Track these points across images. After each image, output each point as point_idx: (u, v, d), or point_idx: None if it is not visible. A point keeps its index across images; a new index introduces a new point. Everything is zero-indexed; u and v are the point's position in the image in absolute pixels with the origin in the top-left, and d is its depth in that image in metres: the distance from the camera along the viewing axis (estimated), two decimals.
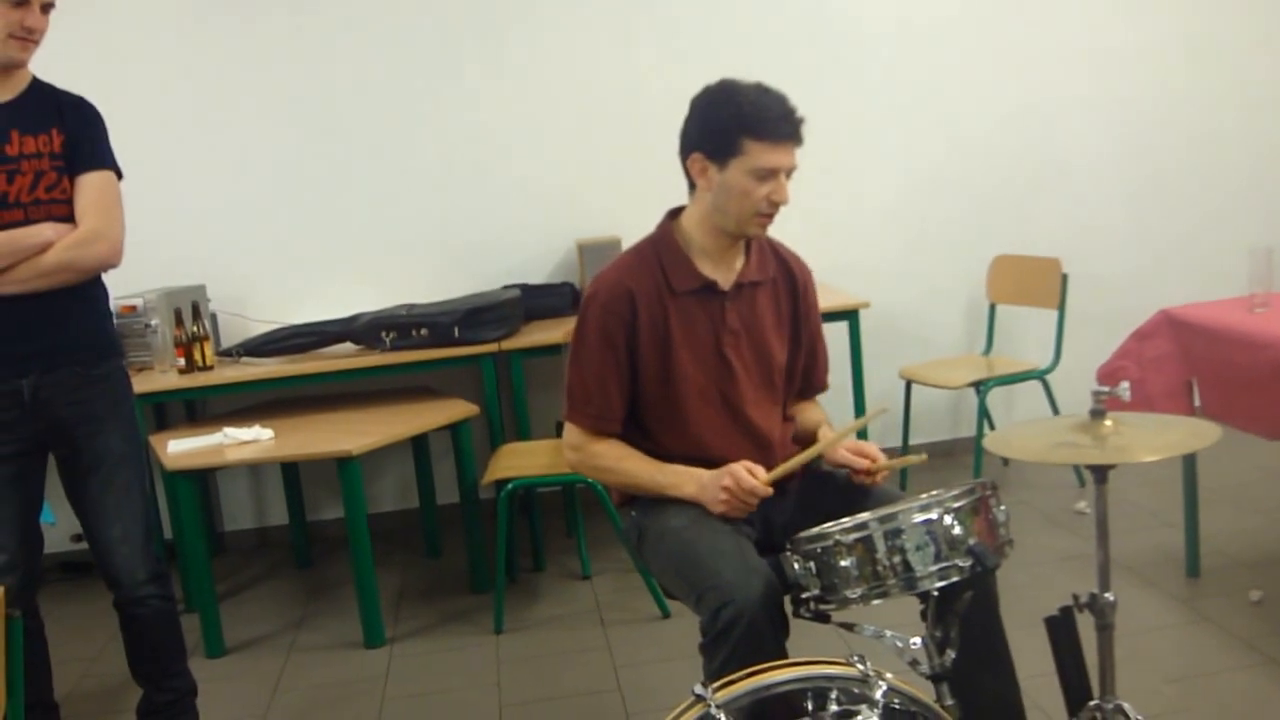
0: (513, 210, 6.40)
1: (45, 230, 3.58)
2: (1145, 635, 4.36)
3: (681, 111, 3.27)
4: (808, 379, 3.57)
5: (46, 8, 3.63)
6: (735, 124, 3.12)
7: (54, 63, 3.85)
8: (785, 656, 2.74)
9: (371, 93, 6.23)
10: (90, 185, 3.67)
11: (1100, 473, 2.82)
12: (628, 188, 6.25)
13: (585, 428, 3.34)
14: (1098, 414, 2.86)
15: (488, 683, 4.59)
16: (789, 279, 3.47)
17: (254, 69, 6.11)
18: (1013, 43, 6.65)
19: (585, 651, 4.79)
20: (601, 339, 3.26)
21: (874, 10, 6.54)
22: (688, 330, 3.29)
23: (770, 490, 3.12)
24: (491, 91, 6.33)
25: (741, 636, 2.73)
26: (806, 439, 3.51)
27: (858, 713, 2.38)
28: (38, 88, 3.72)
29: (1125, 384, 2.88)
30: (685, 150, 3.26)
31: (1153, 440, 2.80)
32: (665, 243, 3.33)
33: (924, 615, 2.71)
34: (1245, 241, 4.94)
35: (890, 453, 3.41)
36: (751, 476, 3.12)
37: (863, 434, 5.96)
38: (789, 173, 3.19)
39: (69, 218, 3.64)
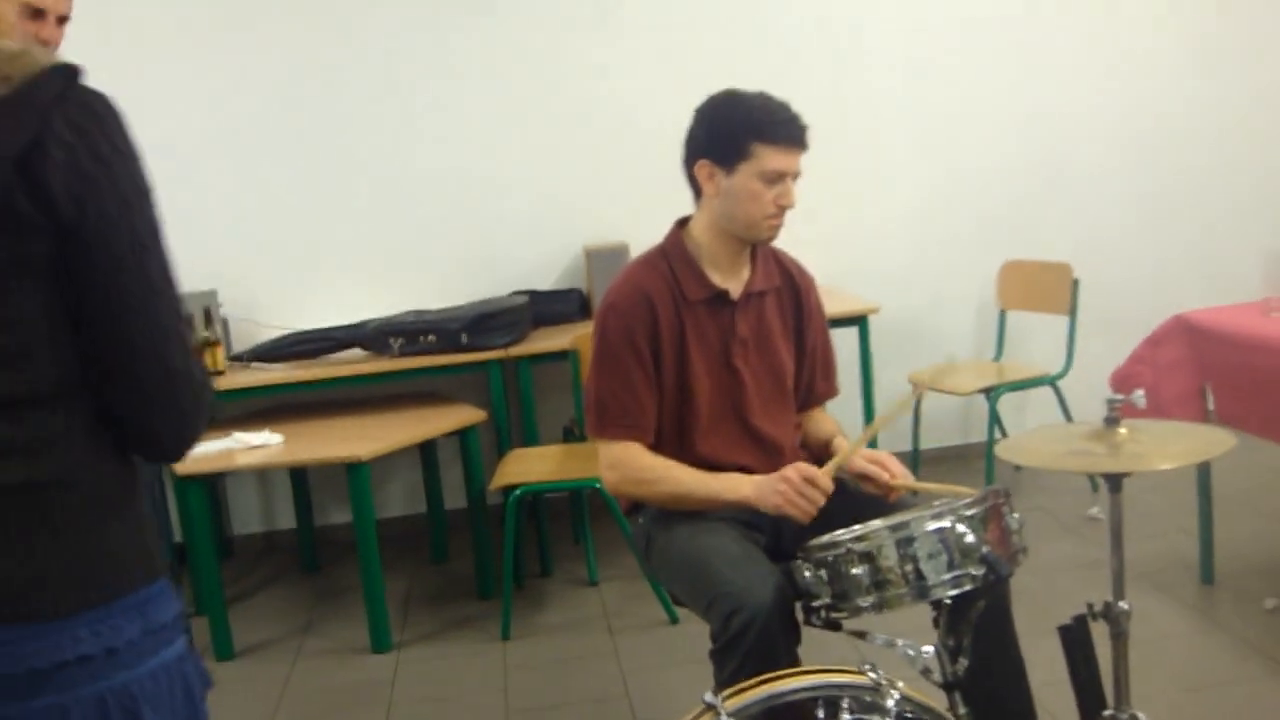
0: (521, 217, 6.38)
1: None
2: (1159, 643, 4.34)
3: (689, 119, 3.27)
4: (811, 387, 3.55)
5: (62, 20, 3.63)
6: (744, 128, 3.14)
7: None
8: (797, 664, 2.73)
9: (381, 101, 6.22)
10: None
11: (1115, 481, 2.80)
12: (635, 195, 6.23)
13: (622, 439, 3.27)
14: (1112, 422, 2.84)
15: (495, 689, 4.58)
16: (792, 287, 3.48)
17: (265, 76, 6.10)
18: (1023, 48, 6.63)
19: (593, 658, 4.78)
20: (627, 346, 3.24)
21: (883, 18, 6.52)
22: (700, 339, 3.29)
23: (831, 485, 3.03)
24: (500, 99, 6.32)
25: (753, 644, 2.72)
26: (818, 449, 3.49)
27: None
28: None
29: (1140, 391, 2.86)
30: (691, 158, 3.27)
31: (1168, 448, 2.78)
32: (675, 251, 3.33)
33: (936, 623, 2.70)
34: (1257, 246, 4.94)
35: (901, 458, 3.38)
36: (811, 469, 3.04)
37: (871, 440, 5.96)
38: (794, 178, 3.20)
39: None
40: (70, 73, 1.71)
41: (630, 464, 3.26)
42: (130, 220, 1.77)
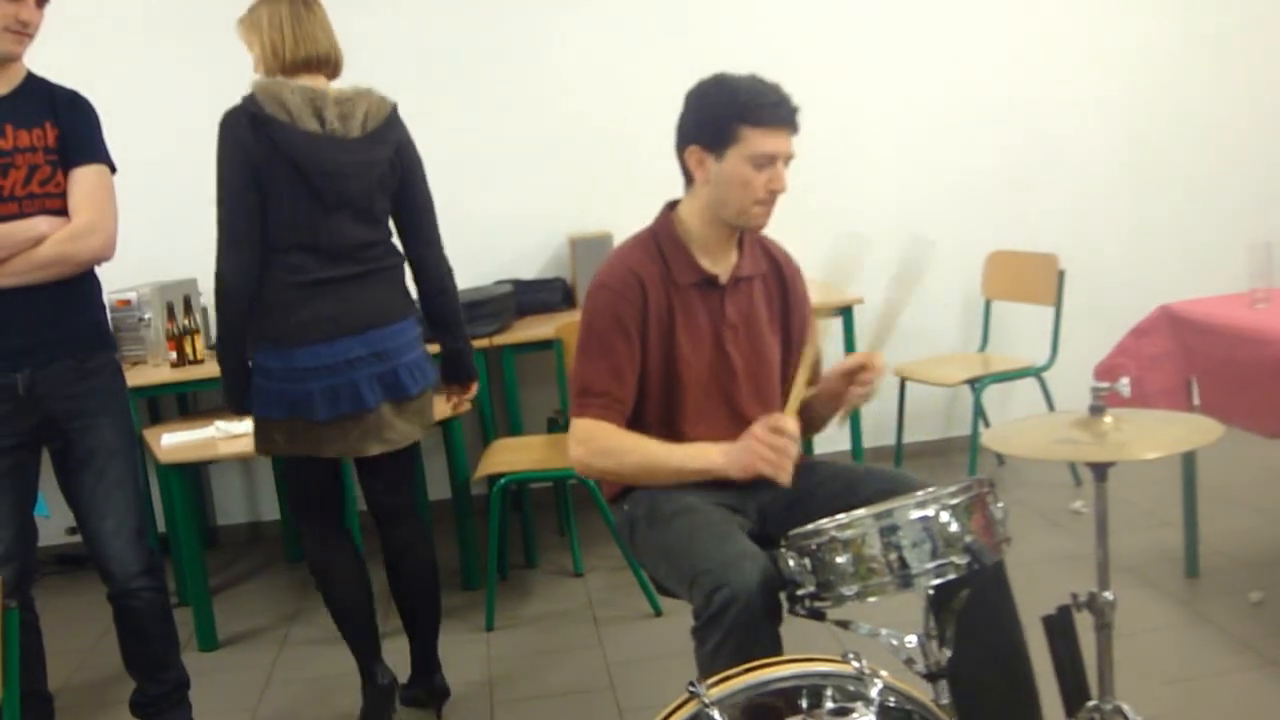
0: (504, 206, 6.37)
1: (39, 223, 3.57)
2: (1143, 636, 4.34)
3: (673, 107, 3.27)
4: (815, 371, 3.54)
5: (41, 2, 3.62)
6: (731, 112, 3.12)
7: (47, 56, 3.83)
8: (779, 645, 2.74)
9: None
10: (84, 179, 3.67)
11: (1100, 470, 2.80)
12: (619, 183, 6.24)
13: (595, 417, 3.24)
14: (1097, 410, 2.84)
15: (479, 680, 4.58)
16: (778, 274, 3.48)
17: (247, 64, 6.07)
18: (1009, 37, 6.63)
19: (577, 649, 4.78)
20: (615, 326, 3.23)
21: (871, 8, 6.52)
22: (690, 323, 3.28)
23: (797, 428, 3.03)
24: (484, 88, 6.31)
25: (735, 620, 2.71)
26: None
27: (853, 710, 2.35)
28: (32, 82, 3.71)
29: (1125, 380, 2.86)
30: (682, 143, 3.26)
31: (1153, 437, 2.78)
32: (666, 234, 3.32)
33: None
34: (1244, 237, 4.92)
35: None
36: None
37: (856, 432, 5.96)
38: (786, 160, 3.18)
39: (63, 211, 3.63)
40: (396, 107, 4.08)
41: (598, 437, 3.23)
42: (420, 174, 4.09)
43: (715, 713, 2.31)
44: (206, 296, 5.89)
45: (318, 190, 3.80)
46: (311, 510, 4.23)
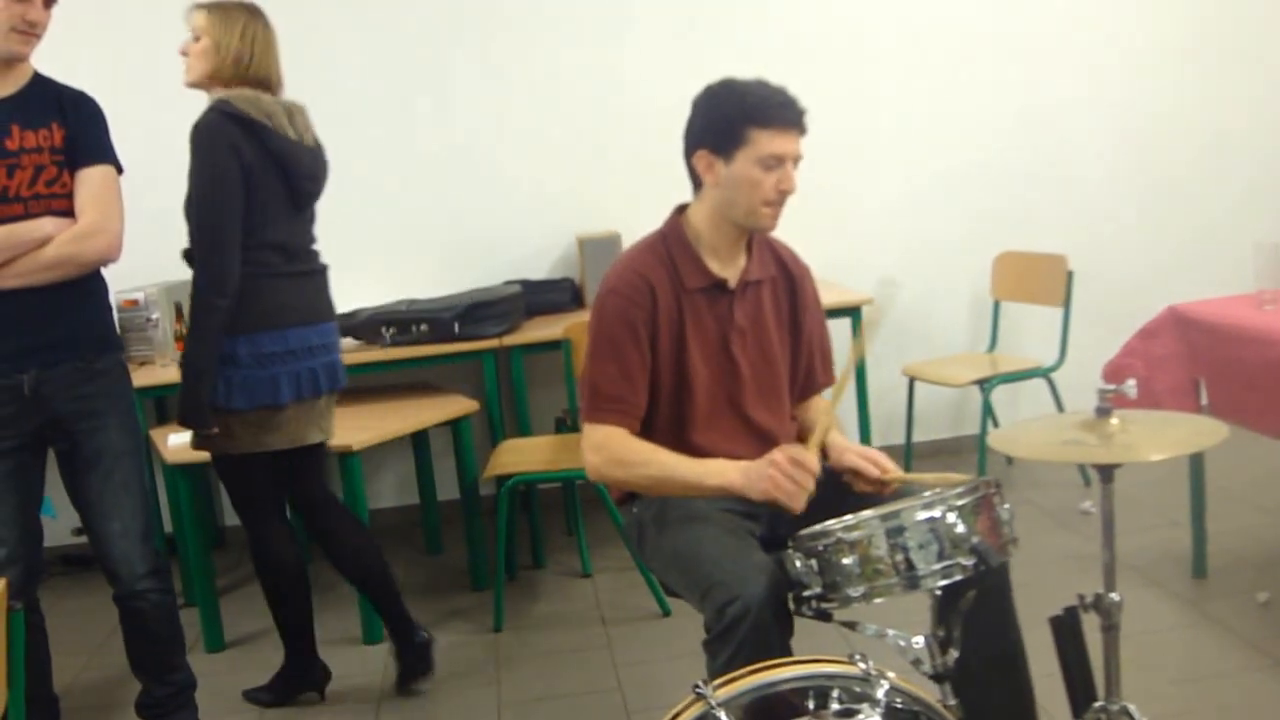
0: (513, 206, 6.38)
1: (45, 224, 3.57)
2: (1150, 636, 4.33)
3: (682, 108, 3.27)
4: (810, 375, 3.54)
5: (49, 2, 3.63)
6: (739, 114, 3.12)
7: (54, 56, 3.84)
8: (790, 655, 2.72)
9: (372, 89, 6.20)
10: (90, 180, 3.67)
11: (1106, 471, 2.79)
12: (628, 183, 6.23)
13: (609, 423, 3.20)
14: (1104, 412, 2.83)
15: (487, 681, 4.58)
16: (786, 276, 3.46)
17: None
18: (1018, 39, 6.62)
19: (585, 650, 4.78)
20: (626, 331, 3.20)
21: (878, 9, 6.51)
22: (698, 328, 3.27)
23: (818, 464, 2.98)
24: (492, 88, 6.31)
25: (747, 634, 2.70)
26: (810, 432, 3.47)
27: (859, 712, 2.35)
28: (39, 82, 3.71)
29: (1131, 381, 2.85)
30: (690, 148, 3.25)
31: (1159, 438, 2.78)
32: (675, 239, 3.30)
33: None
34: (1252, 238, 4.92)
35: (893, 450, 3.37)
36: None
37: (865, 432, 5.96)
38: (795, 162, 3.18)
39: (69, 212, 3.63)
40: None
41: (614, 446, 3.19)
42: None
43: (722, 714, 2.31)
44: None
45: (296, 193, 4.19)
46: (264, 507, 4.39)
